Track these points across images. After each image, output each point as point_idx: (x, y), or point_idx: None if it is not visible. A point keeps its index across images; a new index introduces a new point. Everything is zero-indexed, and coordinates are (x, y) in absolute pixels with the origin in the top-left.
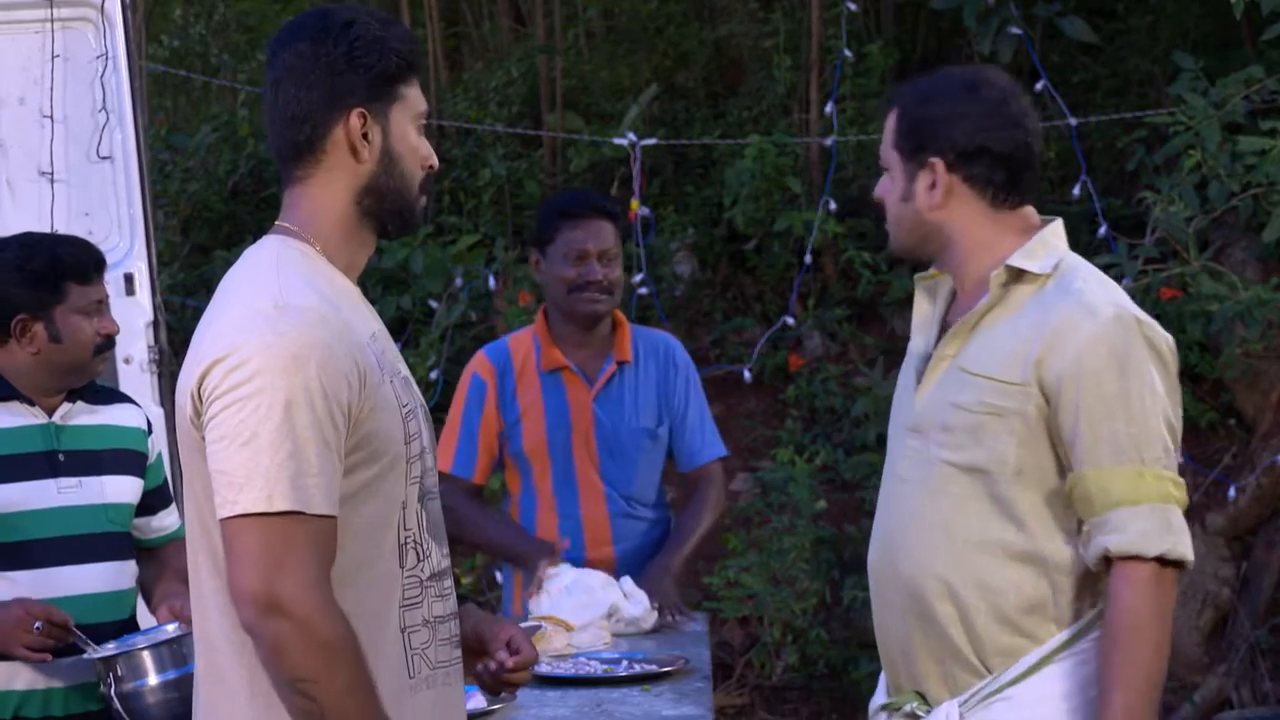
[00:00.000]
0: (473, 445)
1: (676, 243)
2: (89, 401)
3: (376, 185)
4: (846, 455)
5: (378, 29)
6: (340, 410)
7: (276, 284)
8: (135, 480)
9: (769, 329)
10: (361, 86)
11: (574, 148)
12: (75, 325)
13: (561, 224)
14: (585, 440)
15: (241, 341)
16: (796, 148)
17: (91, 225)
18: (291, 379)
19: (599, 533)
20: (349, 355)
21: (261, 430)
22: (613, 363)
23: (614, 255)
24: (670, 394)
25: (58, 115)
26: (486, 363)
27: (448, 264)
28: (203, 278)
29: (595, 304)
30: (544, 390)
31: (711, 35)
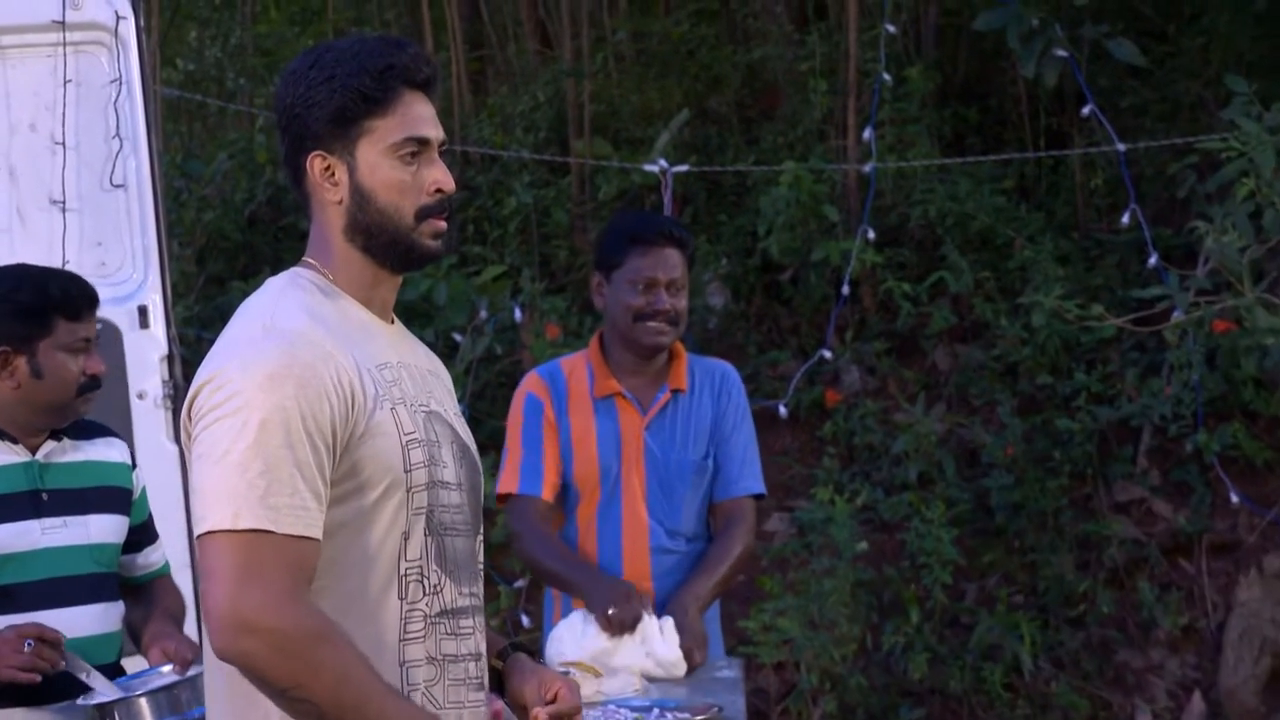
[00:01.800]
0: (537, 461)
1: (709, 273)
2: (73, 438)
3: (357, 222)
4: (886, 495)
5: (334, 67)
6: (320, 432)
7: (271, 309)
8: (121, 518)
9: (805, 363)
10: (314, 128)
11: (603, 175)
12: (59, 362)
13: (631, 249)
14: (634, 469)
15: (225, 364)
16: (833, 175)
17: (104, 255)
18: (267, 397)
19: (638, 567)
20: (334, 377)
21: (234, 448)
22: (667, 391)
23: (682, 285)
24: (720, 419)
25: (69, 142)
26: (540, 382)
27: (472, 296)
28: (219, 309)
29: (660, 335)
30: (596, 416)
31: (745, 58)
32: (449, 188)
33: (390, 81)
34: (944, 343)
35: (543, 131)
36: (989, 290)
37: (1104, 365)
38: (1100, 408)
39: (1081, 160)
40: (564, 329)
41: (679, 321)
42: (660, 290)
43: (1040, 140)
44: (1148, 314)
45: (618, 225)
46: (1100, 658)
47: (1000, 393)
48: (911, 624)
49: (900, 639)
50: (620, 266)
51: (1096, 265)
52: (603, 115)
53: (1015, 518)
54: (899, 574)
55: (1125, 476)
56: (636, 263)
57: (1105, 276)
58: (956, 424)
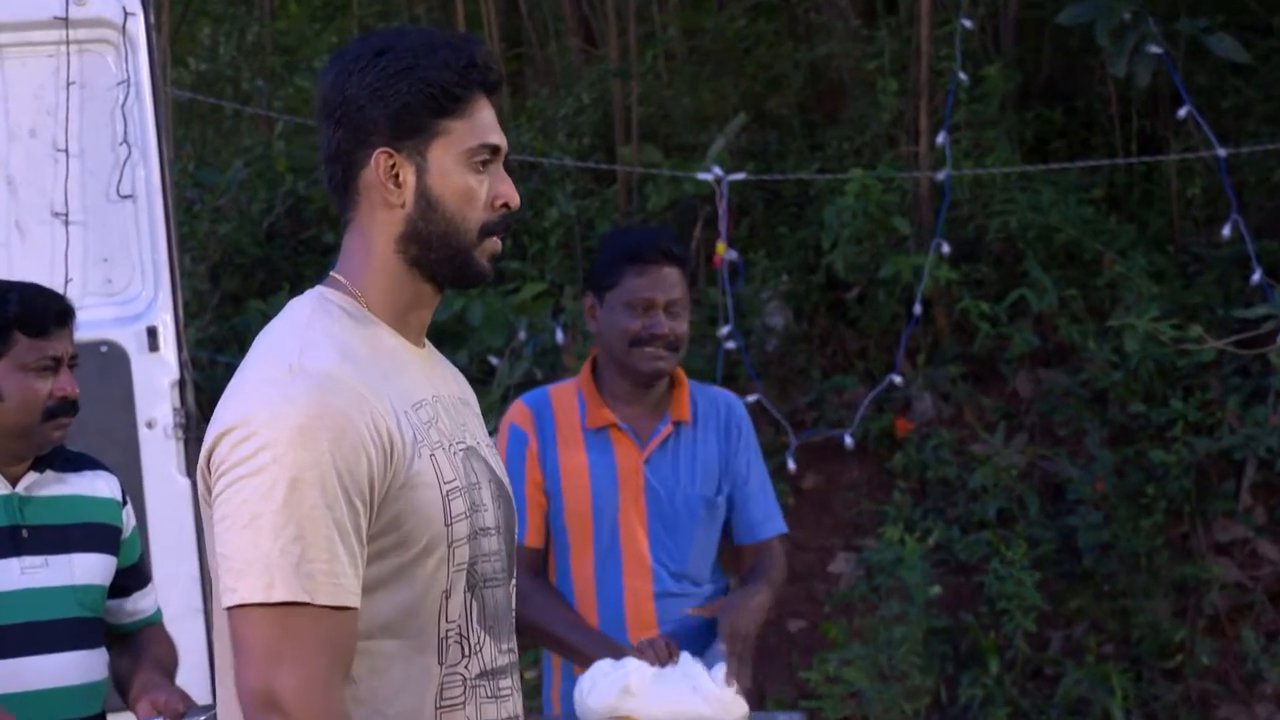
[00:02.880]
0: (519, 500)
1: (768, 291)
2: (57, 469)
3: (416, 231)
4: (963, 534)
5: (411, 58)
6: (357, 488)
7: (297, 344)
8: (108, 558)
9: (873, 389)
10: (385, 123)
11: (652, 184)
12: (21, 383)
13: (625, 269)
14: (634, 508)
15: (250, 411)
16: (904, 183)
17: (110, 272)
18: (299, 453)
19: (643, 615)
20: (371, 425)
21: (264, 510)
22: (668, 423)
23: (682, 306)
24: (732, 458)
25: (73, 149)
26: (525, 411)
27: (510, 315)
28: (234, 330)
29: (659, 361)
30: (589, 450)
31: (807, 56)
32: (515, 204)
33: (471, 81)
34: (1026, 367)
35: (586, 137)
36: (1075, 310)
37: (1203, 392)
38: (1199, 438)
39: (1178, 167)
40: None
41: (679, 346)
42: (658, 312)
43: (1132, 145)
44: (1251, 335)
45: (611, 243)
46: (1199, 714)
47: (1088, 422)
48: (990, 675)
49: (978, 692)
50: (615, 287)
51: (1194, 282)
52: (652, 119)
53: (1105, 559)
54: (977, 621)
55: (1226, 514)
56: (632, 283)
57: (1204, 294)
58: (1039, 456)
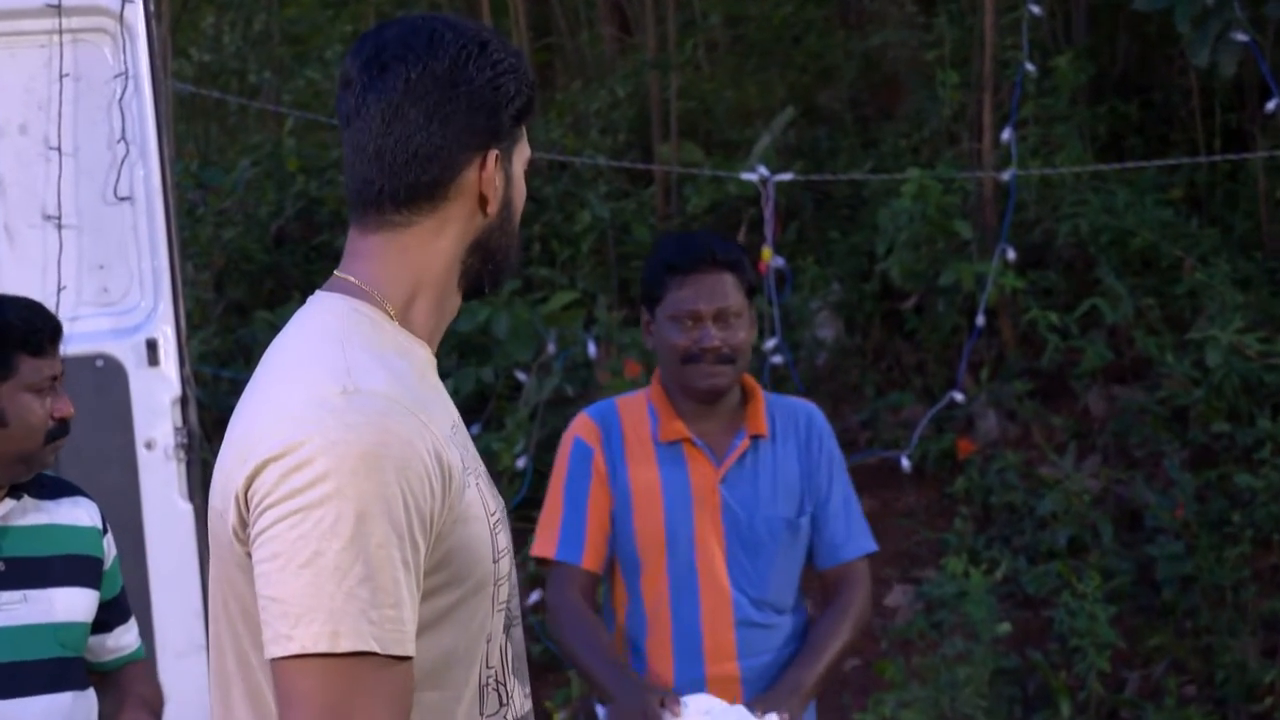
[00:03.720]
0: (580, 522)
1: (818, 301)
2: (35, 496)
3: (489, 241)
4: (1031, 564)
5: (509, 52)
6: (421, 523)
7: (344, 363)
8: (90, 593)
9: (932, 407)
10: (503, 121)
11: (692, 184)
12: (25, 406)
13: (669, 280)
14: (711, 529)
15: (303, 436)
16: (966, 183)
17: (107, 280)
18: (364, 484)
19: (722, 646)
20: (433, 453)
21: (326, 549)
22: (745, 437)
23: (735, 313)
24: (813, 473)
25: (66, 147)
26: (590, 424)
27: (538, 327)
28: (240, 343)
29: (714, 378)
30: (661, 466)
31: (861, 46)
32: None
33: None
34: (1099, 383)
35: (621, 134)
36: (1153, 321)
37: None
38: None
39: (1265, 165)
40: (646, 366)
41: (736, 357)
42: (706, 324)
43: (1215, 141)
44: None
45: (655, 252)
46: None
47: (1167, 443)
48: (1062, 718)
49: None
50: (661, 301)
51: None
52: (692, 114)
53: (1186, 593)
54: (1046, 660)
55: None
56: (676, 295)
57: None
58: (1114, 480)
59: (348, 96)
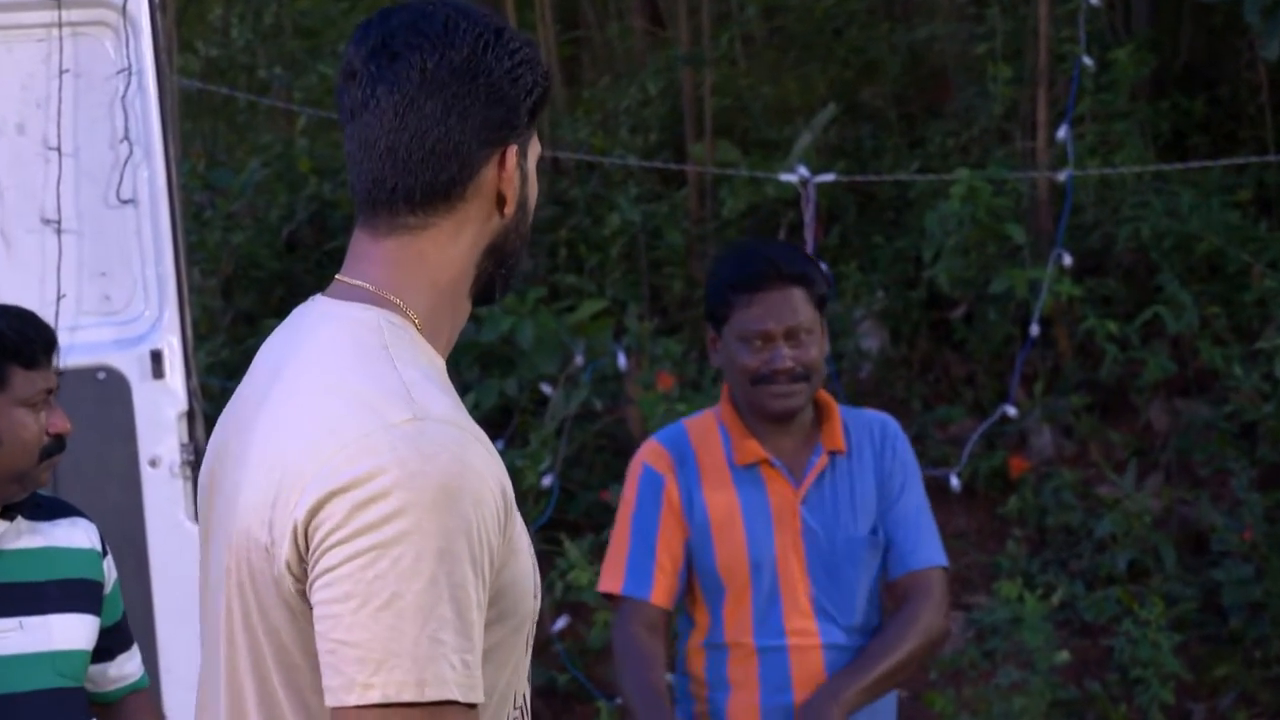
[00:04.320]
0: (648, 555)
1: (862, 309)
2: (30, 517)
3: (504, 243)
4: (1089, 589)
5: (524, 41)
6: (490, 559)
7: (402, 384)
8: (90, 619)
9: (983, 422)
10: (520, 115)
11: (728, 186)
12: (18, 421)
13: (735, 297)
14: (793, 553)
15: (377, 466)
16: (1019, 185)
17: (109, 288)
18: (444, 520)
19: (811, 670)
20: (499, 484)
21: (407, 590)
22: (822, 454)
23: (807, 330)
24: (886, 481)
25: (66, 147)
26: (661, 451)
27: (565, 337)
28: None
29: (788, 399)
30: (739, 489)
31: (907, 38)
32: None
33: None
34: (1161, 397)
35: (653, 133)
36: (1218, 330)
37: None
38: None
39: None
40: (680, 379)
41: (810, 375)
42: (778, 343)
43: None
44: None
45: (718, 267)
46: None
47: (1234, 461)
48: None
49: None
50: (728, 320)
51: None
52: (728, 111)
53: (1255, 620)
54: (1106, 691)
55: None
56: (743, 315)
57: None
58: (1177, 500)
59: (352, 89)
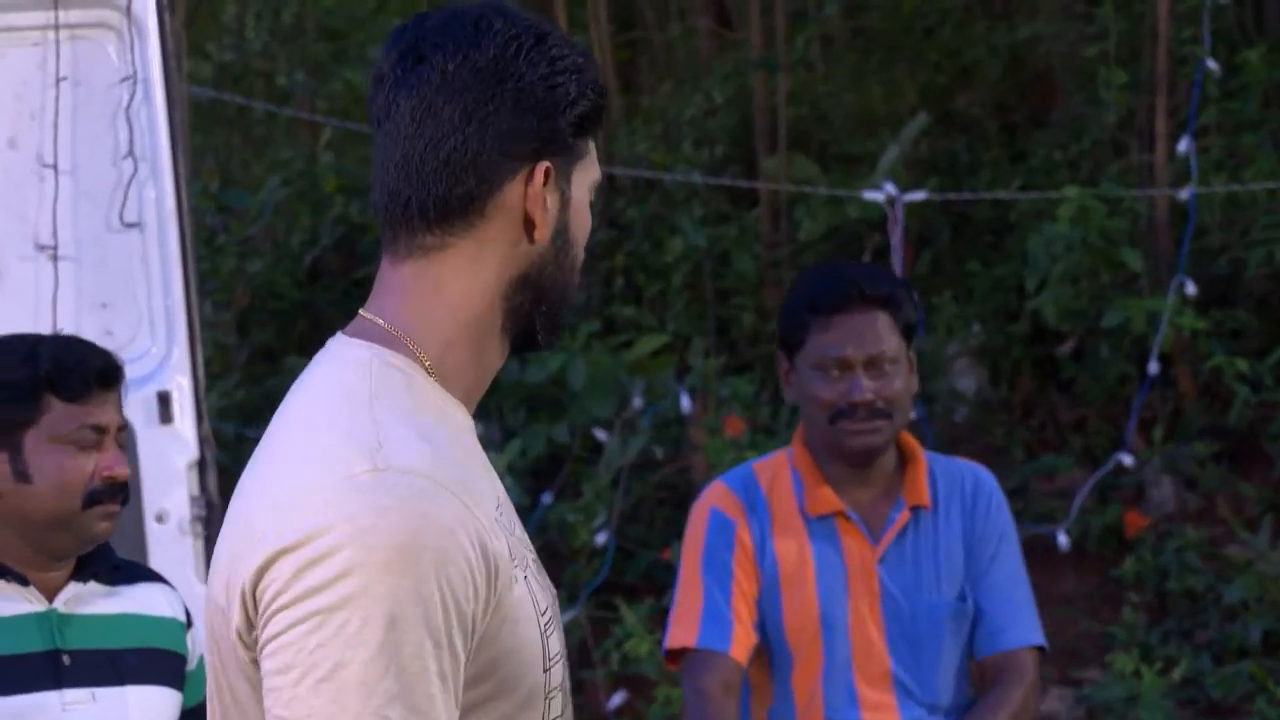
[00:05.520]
0: (724, 603)
1: (956, 344)
2: (105, 581)
3: (540, 276)
4: (1216, 664)
5: (574, 50)
6: (462, 627)
7: (374, 432)
8: (171, 693)
9: (1095, 472)
10: (554, 128)
11: (805, 206)
12: (54, 460)
13: (810, 322)
14: (869, 619)
15: (325, 523)
16: (1135, 204)
17: (111, 321)
18: (397, 582)
19: None
20: (477, 543)
21: (351, 659)
22: (904, 508)
23: (891, 359)
24: (975, 543)
25: (63, 164)
26: (729, 494)
27: (622, 376)
28: (268, 396)
29: (869, 436)
30: (813, 541)
31: (1008, 40)
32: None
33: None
34: None
35: (720, 146)
36: None
37: None
38: None
39: None
40: (750, 423)
41: (893, 411)
42: (857, 373)
43: None
44: None
45: (795, 289)
46: None
47: None
48: None
49: None
50: (802, 346)
51: None
52: (805, 122)
53: None
54: None
55: None
56: (819, 340)
57: None
58: None
59: (378, 95)
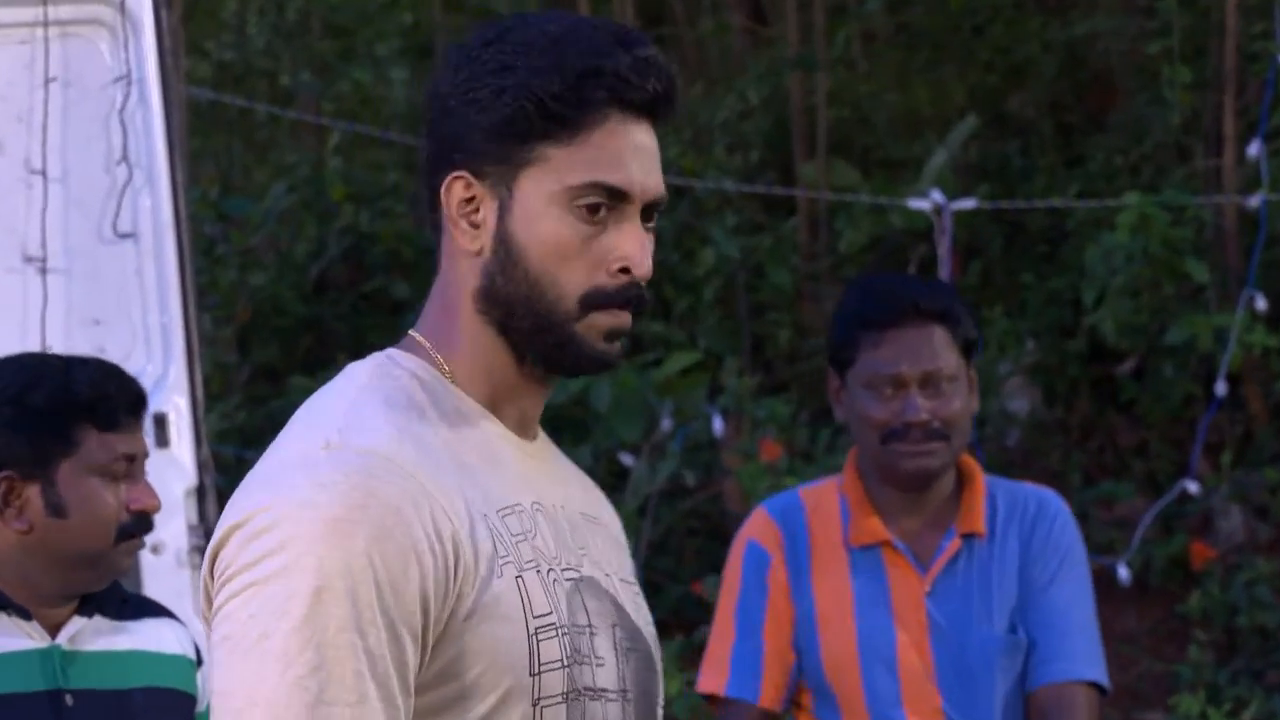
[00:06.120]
0: (755, 651)
1: (1008, 363)
2: (111, 616)
3: (495, 289)
4: None
5: (519, 53)
6: (402, 611)
7: (341, 416)
8: None
9: (1158, 500)
10: (467, 137)
11: (846, 215)
12: (90, 493)
13: (862, 337)
14: (917, 655)
15: (270, 499)
16: (1200, 212)
17: (103, 338)
18: (327, 555)
19: None
20: (430, 525)
21: (274, 629)
22: (955, 537)
23: (948, 377)
24: (1029, 565)
25: (52, 171)
26: (769, 524)
27: (649, 397)
28: (271, 418)
29: (923, 458)
30: (854, 575)
31: (1063, 36)
32: (640, 270)
33: (591, 93)
34: None
35: (755, 150)
36: None
37: None
38: None
39: None
40: (787, 447)
41: (950, 432)
42: (911, 391)
43: None
44: None
45: (846, 300)
46: None
47: None
48: None
49: None
50: (853, 363)
51: None
52: (846, 125)
53: None
54: None
55: None
56: (871, 356)
57: None
58: None
59: None
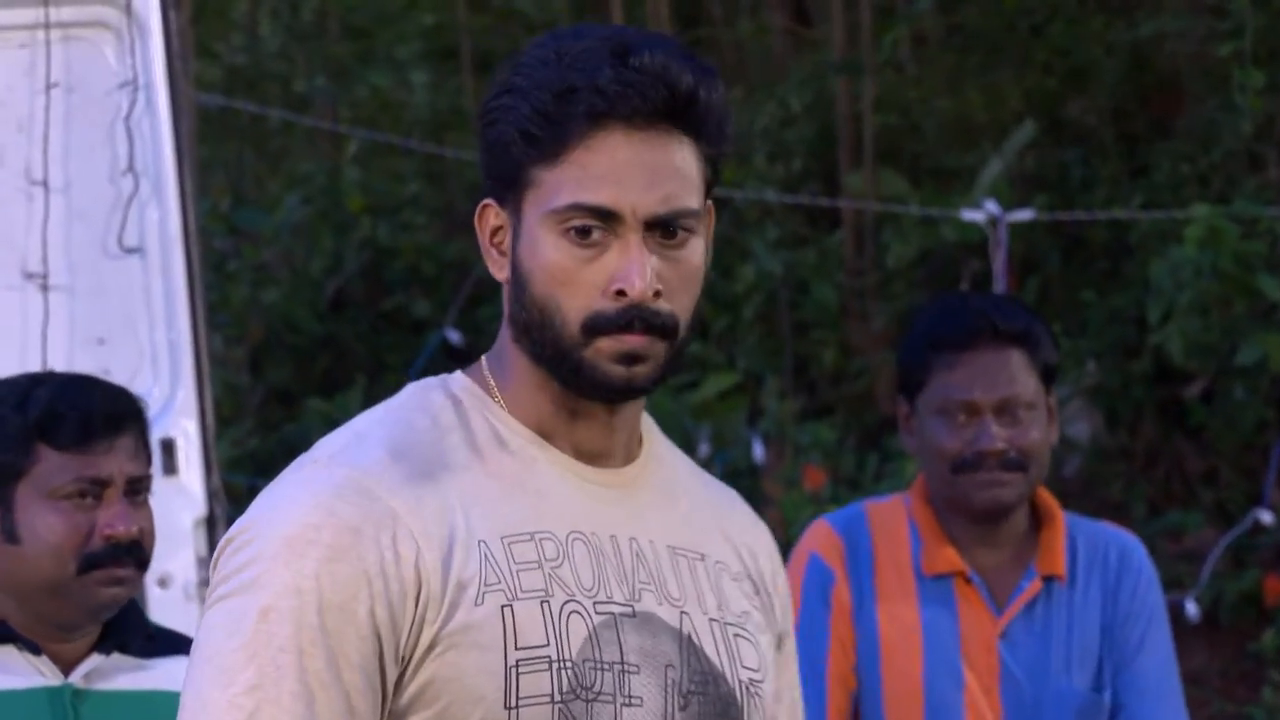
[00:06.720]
0: (818, 676)
1: (1068, 385)
2: (135, 653)
3: (515, 316)
4: None
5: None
6: (352, 632)
7: (352, 433)
8: None
9: (1229, 532)
10: (496, 162)
11: (894, 227)
12: (44, 519)
13: (934, 360)
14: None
15: (255, 513)
16: (1273, 224)
17: (108, 358)
18: (279, 574)
19: None
20: (390, 550)
21: (224, 647)
22: (1035, 578)
23: (1026, 404)
24: (1119, 625)
25: (54, 181)
26: (832, 537)
27: (686, 421)
28: (285, 443)
29: (998, 488)
30: (923, 605)
31: (1127, 37)
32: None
33: (567, 112)
34: None
35: (798, 159)
36: None
37: None
38: None
39: None
40: (833, 474)
41: (1027, 463)
42: (986, 418)
43: None
44: None
45: (918, 322)
46: None
47: None
48: None
49: None
50: (924, 387)
51: None
52: (894, 132)
53: None
54: None
55: None
56: (943, 380)
57: None
58: None
59: None
